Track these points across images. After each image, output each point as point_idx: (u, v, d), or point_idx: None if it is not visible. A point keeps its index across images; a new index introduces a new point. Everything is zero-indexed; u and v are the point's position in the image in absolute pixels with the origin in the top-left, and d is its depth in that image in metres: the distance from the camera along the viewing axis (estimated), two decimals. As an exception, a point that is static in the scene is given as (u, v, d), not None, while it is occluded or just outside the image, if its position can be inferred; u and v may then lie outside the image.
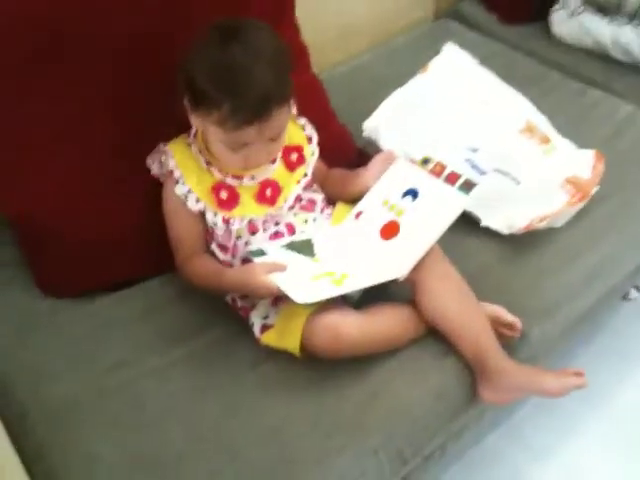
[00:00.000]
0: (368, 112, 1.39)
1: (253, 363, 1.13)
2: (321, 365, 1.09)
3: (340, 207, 1.24)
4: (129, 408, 1.06)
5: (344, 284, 1.07)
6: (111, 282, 1.24)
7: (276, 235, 1.16)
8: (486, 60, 1.50)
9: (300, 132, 1.23)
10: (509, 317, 1.14)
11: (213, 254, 1.17)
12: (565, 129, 1.42)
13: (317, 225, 1.20)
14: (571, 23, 1.75)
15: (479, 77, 1.42)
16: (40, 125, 1.12)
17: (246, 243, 1.14)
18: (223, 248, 1.16)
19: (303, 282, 1.07)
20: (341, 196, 1.26)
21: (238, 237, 1.14)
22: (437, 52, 1.48)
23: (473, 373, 1.10)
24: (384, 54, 1.79)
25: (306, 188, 1.21)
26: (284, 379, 1.10)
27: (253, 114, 0.99)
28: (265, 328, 1.13)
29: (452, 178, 1.22)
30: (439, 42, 1.51)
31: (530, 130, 1.34)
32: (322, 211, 1.23)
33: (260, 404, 1.06)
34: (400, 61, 1.71)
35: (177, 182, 1.12)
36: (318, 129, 1.24)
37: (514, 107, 1.38)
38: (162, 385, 1.09)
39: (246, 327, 1.15)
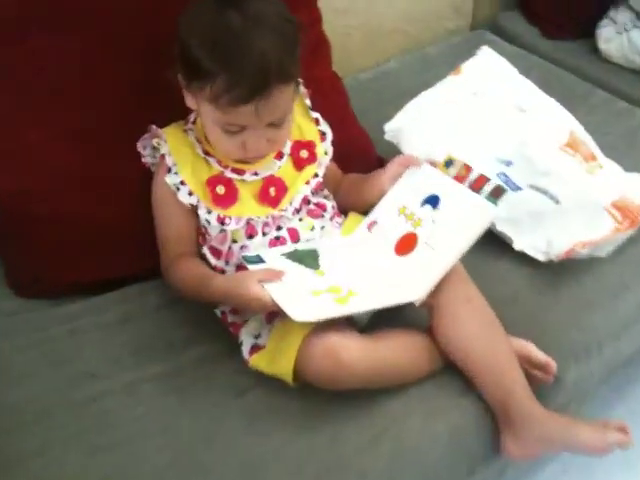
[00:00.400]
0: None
1: (238, 389, 0.97)
2: (317, 397, 0.93)
3: (352, 217, 1.09)
4: (95, 425, 0.92)
5: (349, 303, 0.92)
6: (87, 285, 1.09)
7: (277, 241, 1.01)
8: (524, 73, 1.34)
9: (312, 127, 1.08)
10: (541, 356, 0.97)
11: (204, 258, 1.01)
12: (610, 150, 1.26)
13: (325, 234, 1.05)
14: (619, 40, 1.60)
15: (517, 83, 1.27)
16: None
17: (242, 248, 0.99)
18: (216, 252, 1.01)
19: (303, 297, 0.91)
20: (355, 205, 1.11)
21: (234, 240, 0.99)
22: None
23: (495, 418, 0.93)
24: (414, 63, 1.65)
25: (316, 191, 1.06)
26: (272, 410, 0.94)
27: (250, 90, 0.86)
28: (255, 349, 0.97)
29: (479, 182, 1.05)
30: (474, 54, 1.36)
31: (574, 145, 1.18)
32: (332, 219, 1.07)
33: (241, 436, 0.91)
34: (430, 71, 1.54)
35: (169, 170, 0.98)
36: (334, 130, 1.10)
37: (556, 118, 1.22)
38: (132, 405, 0.95)
39: (235, 346, 1.00)
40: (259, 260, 0.96)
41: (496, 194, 0.99)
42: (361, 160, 1.23)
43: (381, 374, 0.92)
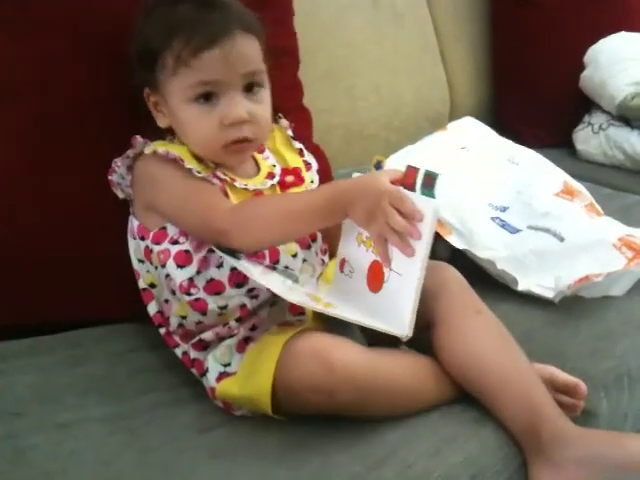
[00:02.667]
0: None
1: (202, 427, 0.80)
2: (301, 429, 0.77)
3: (332, 264, 0.97)
4: (10, 460, 0.73)
5: (331, 308, 0.79)
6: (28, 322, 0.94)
7: (254, 254, 0.87)
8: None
9: (296, 157, 1.01)
10: (568, 377, 0.82)
11: (167, 276, 0.87)
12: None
13: (305, 268, 0.92)
14: (597, 139, 1.62)
15: (505, 141, 1.23)
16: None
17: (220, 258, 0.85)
18: (186, 259, 0.84)
19: (285, 287, 0.80)
20: (331, 244, 0.98)
21: (212, 250, 0.84)
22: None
23: (522, 450, 0.76)
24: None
25: None
26: (245, 444, 0.77)
27: (211, 33, 0.81)
28: (224, 376, 0.82)
29: (410, 177, 0.79)
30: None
31: (570, 192, 1.12)
32: (317, 254, 0.95)
33: (204, 467, 0.71)
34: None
35: (182, 160, 0.85)
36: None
37: (549, 169, 1.17)
38: (64, 440, 0.77)
39: (199, 394, 0.84)
40: (235, 257, 0.83)
41: (429, 183, 0.77)
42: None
43: (381, 388, 0.75)
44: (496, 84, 1.84)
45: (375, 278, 0.83)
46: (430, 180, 0.77)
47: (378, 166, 0.84)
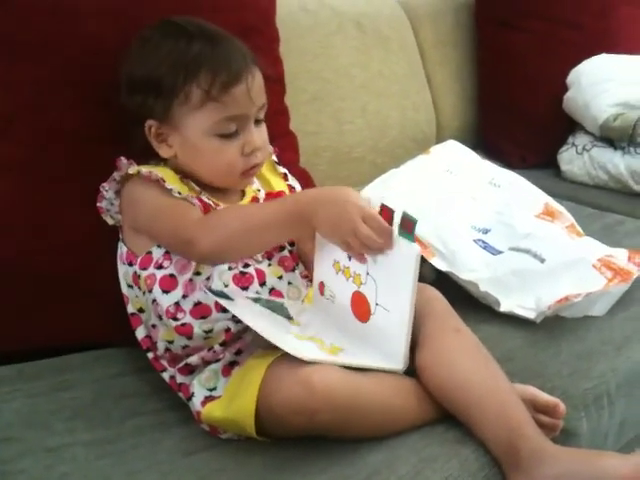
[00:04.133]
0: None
1: (187, 451, 0.81)
2: (284, 452, 0.78)
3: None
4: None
5: (339, 356, 0.80)
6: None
7: (242, 277, 0.88)
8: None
9: (281, 181, 1.03)
10: (547, 397, 0.83)
11: (154, 301, 0.88)
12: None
13: (291, 290, 0.94)
14: (581, 159, 1.64)
15: (487, 164, 1.26)
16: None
17: (208, 278, 0.87)
18: (171, 283, 0.86)
19: (289, 338, 0.81)
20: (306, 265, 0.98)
21: (197, 272, 0.87)
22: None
23: (502, 469, 0.77)
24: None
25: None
26: (229, 467, 0.77)
27: (237, 68, 0.86)
28: (209, 399, 0.83)
29: (385, 216, 0.79)
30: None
31: (551, 213, 1.14)
32: (303, 277, 0.97)
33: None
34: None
35: (162, 181, 0.87)
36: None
37: (530, 192, 1.19)
38: (54, 464, 0.78)
39: (185, 417, 0.85)
40: (225, 296, 0.85)
41: (408, 228, 0.77)
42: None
43: (362, 409, 0.77)
44: (481, 106, 1.88)
45: (360, 308, 0.85)
46: (410, 225, 0.78)
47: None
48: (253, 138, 0.89)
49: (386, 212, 0.79)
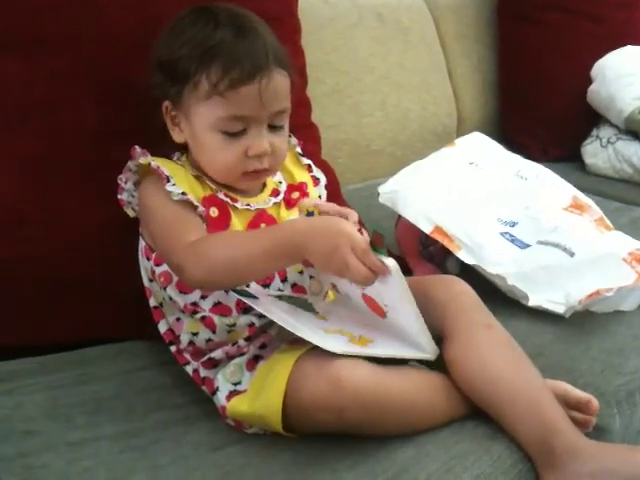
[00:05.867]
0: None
1: (213, 446, 0.79)
2: (311, 447, 0.76)
3: None
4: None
5: (370, 347, 0.79)
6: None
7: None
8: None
9: (305, 173, 1.01)
10: (580, 393, 0.81)
11: (171, 299, 0.86)
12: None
13: (314, 284, 0.92)
14: (605, 152, 1.62)
15: (513, 156, 1.23)
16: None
17: None
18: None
19: (318, 331, 0.79)
20: None
21: None
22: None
23: (534, 466, 0.75)
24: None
25: None
26: (256, 463, 0.76)
27: (251, 66, 0.81)
28: (234, 394, 0.81)
29: (378, 242, 0.79)
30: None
31: (579, 207, 1.12)
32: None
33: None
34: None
35: (168, 180, 0.85)
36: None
37: (558, 185, 1.17)
38: (76, 459, 0.76)
39: (210, 411, 0.84)
40: (249, 295, 0.84)
41: (378, 242, 0.76)
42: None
43: (390, 406, 0.75)
44: (503, 99, 1.85)
45: (374, 306, 0.83)
46: (380, 239, 0.77)
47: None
48: (260, 143, 0.84)
49: (378, 238, 0.77)
